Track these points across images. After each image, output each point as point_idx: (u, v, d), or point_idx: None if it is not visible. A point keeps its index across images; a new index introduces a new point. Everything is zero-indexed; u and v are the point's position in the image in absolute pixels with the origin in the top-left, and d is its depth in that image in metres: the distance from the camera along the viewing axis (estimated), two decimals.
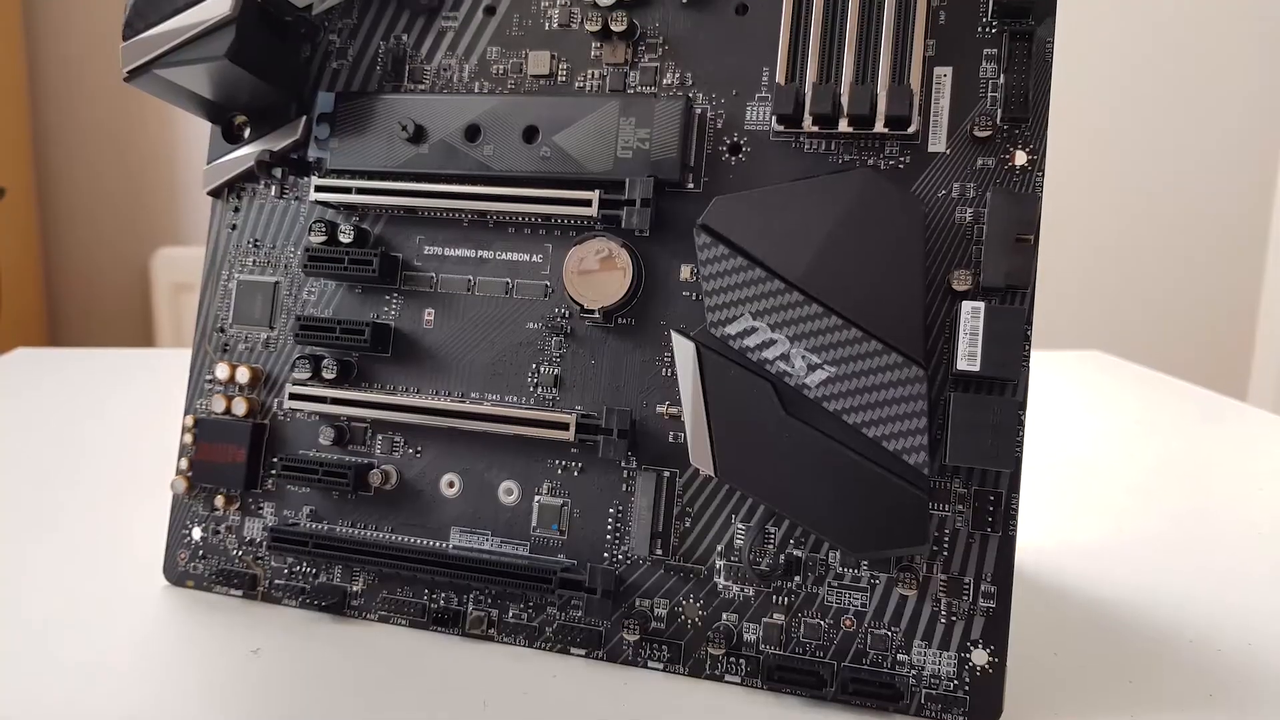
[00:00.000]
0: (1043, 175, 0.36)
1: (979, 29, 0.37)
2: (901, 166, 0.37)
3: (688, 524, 0.39)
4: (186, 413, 0.45)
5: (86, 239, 1.76)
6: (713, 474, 0.37)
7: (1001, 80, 0.36)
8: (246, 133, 0.45)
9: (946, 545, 0.36)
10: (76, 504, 0.57)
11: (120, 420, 0.79)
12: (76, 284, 1.77)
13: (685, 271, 0.39)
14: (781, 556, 0.37)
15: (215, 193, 0.45)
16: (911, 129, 0.36)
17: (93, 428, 0.76)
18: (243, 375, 0.44)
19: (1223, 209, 1.53)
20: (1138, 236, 1.55)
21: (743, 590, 0.38)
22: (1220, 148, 1.51)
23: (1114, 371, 1.02)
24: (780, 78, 0.38)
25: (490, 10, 0.43)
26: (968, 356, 0.34)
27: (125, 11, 0.41)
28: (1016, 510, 0.35)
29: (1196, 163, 1.52)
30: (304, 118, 0.43)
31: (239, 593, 0.43)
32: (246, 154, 0.44)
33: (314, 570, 0.42)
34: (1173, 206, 1.54)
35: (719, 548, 0.38)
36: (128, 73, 0.41)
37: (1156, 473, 0.68)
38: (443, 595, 0.41)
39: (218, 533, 0.44)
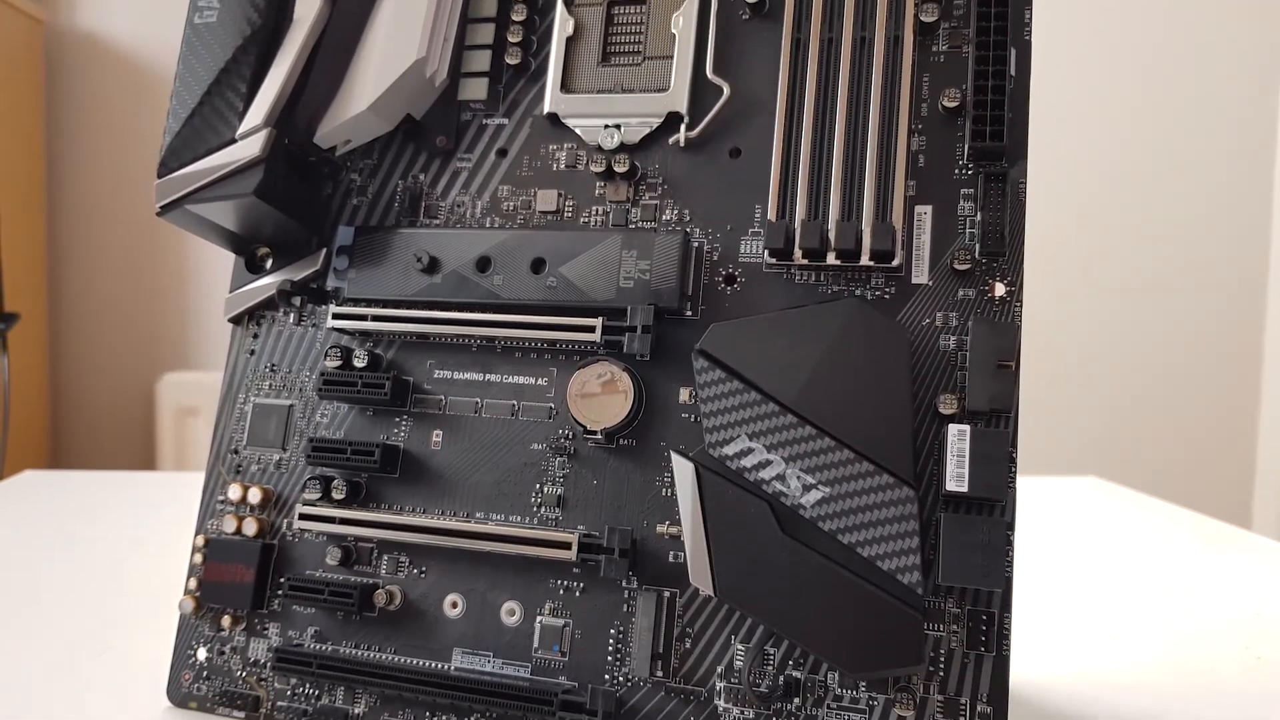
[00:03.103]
0: (1021, 305, 0.38)
1: (956, 171, 0.39)
2: (887, 297, 0.39)
3: (688, 645, 0.39)
4: (198, 533, 0.46)
5: (94, 362, 1.79)
6: (712, 594, 0.38)
7: (979, 217, 0.38)
8: (268, 264, 0.47)
9: (942, 665, 0.36)
10: (82, 624, 0.57)
11: (126, 543, 0.79)
12: (82, 406, 1.79)
13: (684, 394, 0.41)
14: (781, 678, 0.38)
15: (236, 320, 0.48)
16: (895, 262, 0.39)
17: (99, 549, 0.77)
18: (254, 496, 0.45)
19: (1217, 331, 1.55)
20: (1133, 361, 1.57)
21: (743, 712, 0.38)
22: (1210, 271, 1.55)
23: (1111, 498, 1.02)
24: (771, 214, 0.40)
25: (502, 152, 0.46)
26: (956, 478, 0.36)
27: (161, 152, 0.43)
28: (1009, 630, 0.36)
29: (1189, 284, 1.56)
30: (324, 250, 0.46)
31: (241, 714, 0.43)
32: (267, 284, 0.46)
33: (316, 692, 0.43)
34: (1167, 330, 1.56)
35: (719, 669, 0.39)
36: (160, 207, 0.43)
37: (1155, 599, 0.68)
38: (444, 717, 0.41)
39: (222, 653, 0.44)
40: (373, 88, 0.43)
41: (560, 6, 0.46)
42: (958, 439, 0.36)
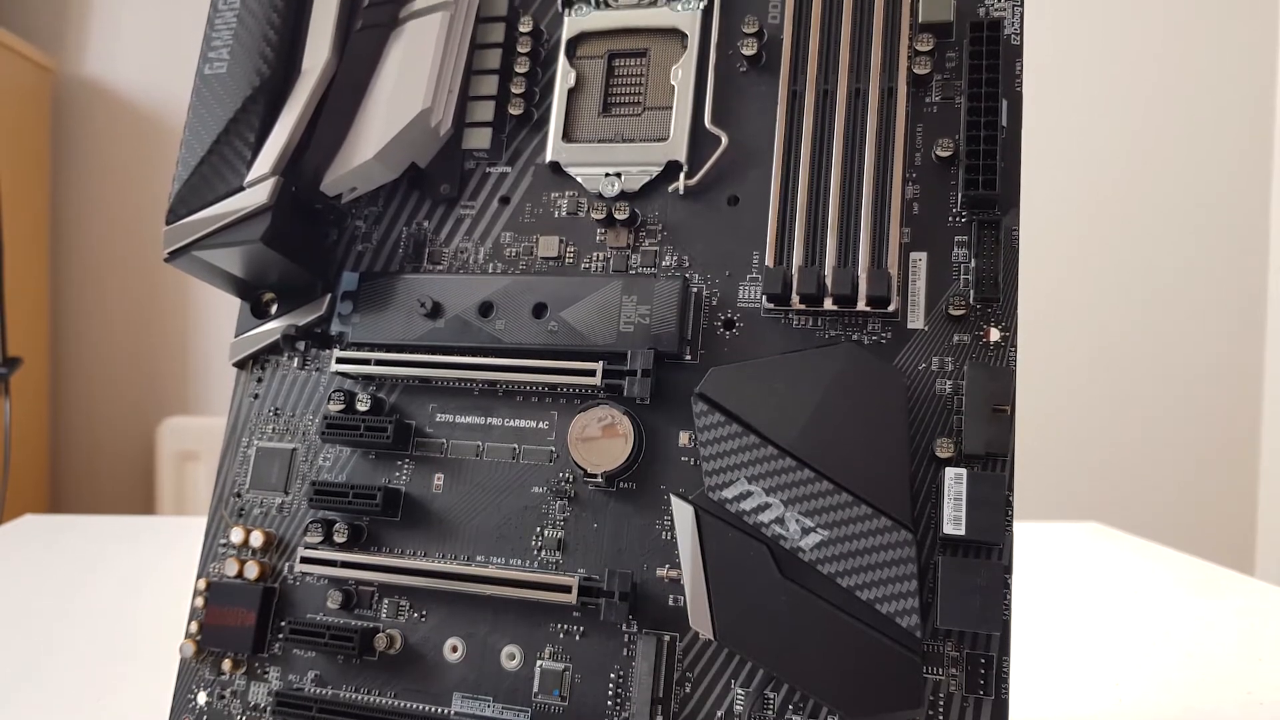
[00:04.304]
0: (1015, 350, 0.38)
1: (949, 218, 0.40)
2: (884, 342, 0.40)
3: (688, 689, 0.39)
4: (199, 576, 0.46)
5: (96, 406, 1.79)
6: (712, 637, 0.38)
7: (973, 264, 0.39)
8: (273, 309, 0.48)
9: (941, 709, 0.36)
10: (81, 668, 0.57)
11: (126, 587, 0.79)
12: (82, 450, 1.79)
13: (684, 438, 0.41)
14: None
15: (240, 364, 0.48)
16: (891, 308, 0.39)
17: (99, 594, 0.77)
18: (256, 539, 0.45)
19: (1216, 376, 1.56)
20: (1133, 406, 1.58)
21: None
22: (1208, 315, 1.56)
23: (1112, 543, 1.02)
24: (769, 261, 0.41)
25: (505, 200, 0.47)
26: (953, 521, 0.36)
27: (170, 199, 0.44)
28: (1008, 673, 0.36)
29: (1187, 329, 1.56)
30: (329, 295, 0.47)
31: None
32: (272, 328, 0.47)
33: None
34: (1167, 376, 1.57)
35: (719, 713, 0.39)
36: (169, 253, 0.44)
37: (1156, 644, 0.68)
38: None
39: (222, 697, 0.44)
40: (379, 137, 0.44)
41: (562, 59, 0.47)
42: (955, 483, 0.36)
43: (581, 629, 0.41)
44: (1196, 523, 1.55)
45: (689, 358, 0.42)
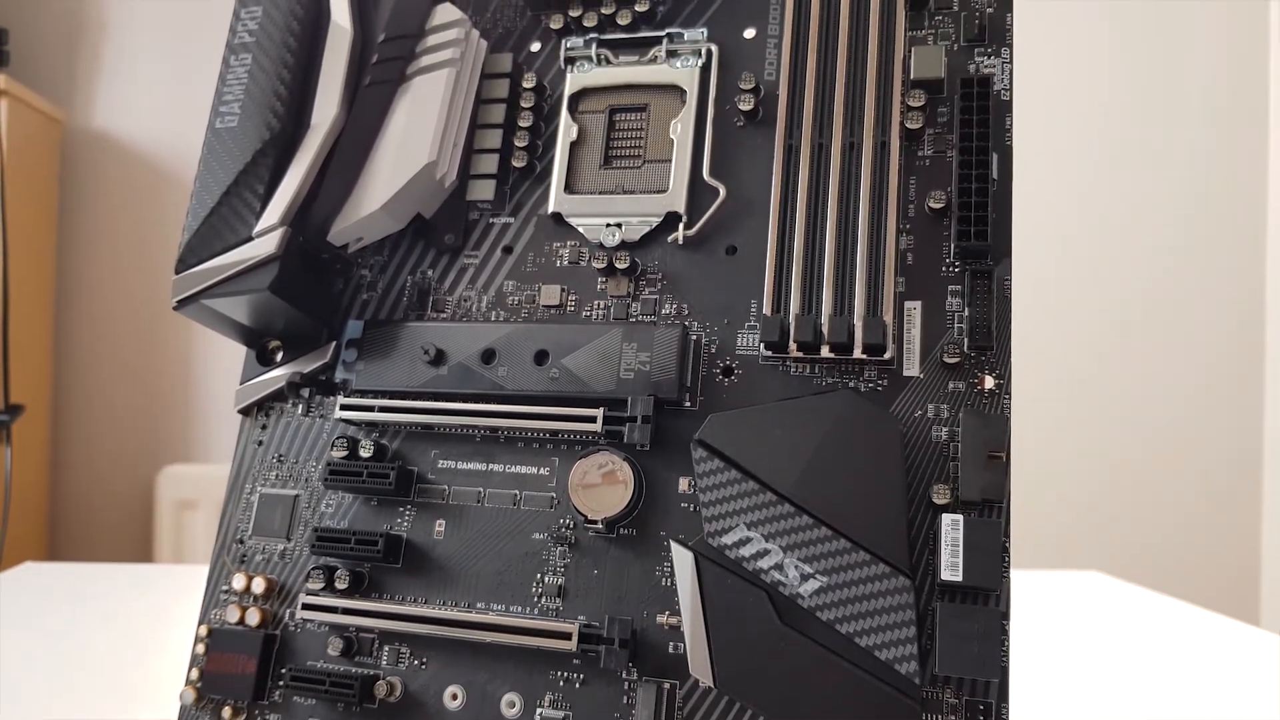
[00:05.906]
0: (1010, 397, 0.39)
1: (943, 268, 0.41)
2: (880, 389, 0.40)
3: None
4: (201, 622, 0.46)
5: (95, 454, 1.79)
6: (712, 684, 0.38)
7: (966, 313, 0.40)
8: (279, 356, 0.48)
9: None
10: (81, 716, 0.56)
11: (126, 634, 0.79)
12: (81, 498, 1.78)
13: (683, 484, 0.42)
14: None
15: (245, 411, 0.49)
16: (887, 355, 0.40)
17: (100, 641, 0.76)
18: (258, 586, 0.45)
19: (1218, 426, 1.56)
20: (1134, 455, 1.58)
21: None
22: (1207, 362, 1.57)
23: (1113, 592, 1.02)
24: (767, 309, 0.42)
25: (508, 250, 0.48)
26: (950, 567, 0.36)
27: (179, 248, 0.45)
28: None
29: (1186, 376, 1.57)
30: (334, 343, 0.47)
31: None
32: (277, 375, 0.48)
33: None
34: (1168, 424, 1.57)
35: None
36: (178, 301, 0.44)
37: (1159, 696, 0.67)
38: None
39: None
40: (385, 189, 0.45)
41: (565, 113, 0.48)
42: (951, 529, 0.37)
43: (581, 676, 0.41)
44: (1199, 572, 1.54)
45: (688, 404, 0.43)
